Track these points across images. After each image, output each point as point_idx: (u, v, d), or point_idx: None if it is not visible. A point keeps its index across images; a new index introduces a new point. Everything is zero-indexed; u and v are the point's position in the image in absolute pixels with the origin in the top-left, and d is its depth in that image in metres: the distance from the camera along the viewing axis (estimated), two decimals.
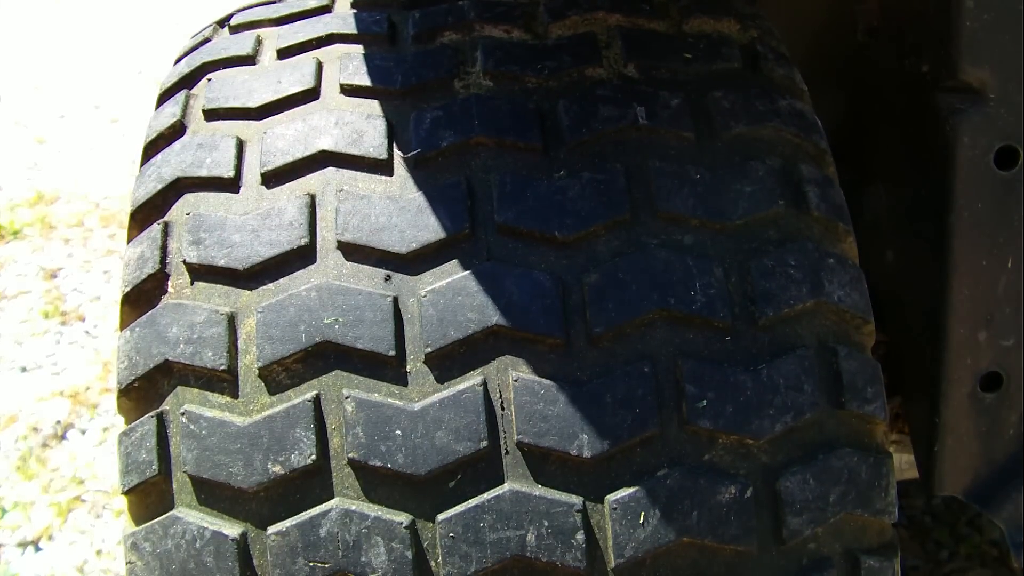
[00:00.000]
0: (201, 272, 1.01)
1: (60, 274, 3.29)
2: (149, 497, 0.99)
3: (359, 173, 1.04)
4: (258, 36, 1.24)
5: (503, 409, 0.92)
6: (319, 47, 1.19)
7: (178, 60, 1.31)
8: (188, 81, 1.22)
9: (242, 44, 1.23)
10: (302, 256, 0.99)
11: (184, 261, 1.02)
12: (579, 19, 1.17)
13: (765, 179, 1.04)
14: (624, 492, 0.91)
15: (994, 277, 1.16)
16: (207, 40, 1.30)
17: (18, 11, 5.99)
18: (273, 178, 1.05)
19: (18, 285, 3.22)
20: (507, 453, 0.91)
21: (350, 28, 1.20)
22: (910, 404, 1.32)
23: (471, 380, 0.93)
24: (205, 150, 1.09)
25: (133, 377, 1.01)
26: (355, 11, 1.23)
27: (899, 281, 1.31)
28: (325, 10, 1.27)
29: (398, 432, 0.91)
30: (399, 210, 0.99)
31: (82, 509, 2.38)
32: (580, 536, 0.90)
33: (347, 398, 0.93)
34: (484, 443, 0.91)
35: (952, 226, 1.14)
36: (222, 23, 1.34)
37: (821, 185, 1.08)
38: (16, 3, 6.10)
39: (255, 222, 1.02)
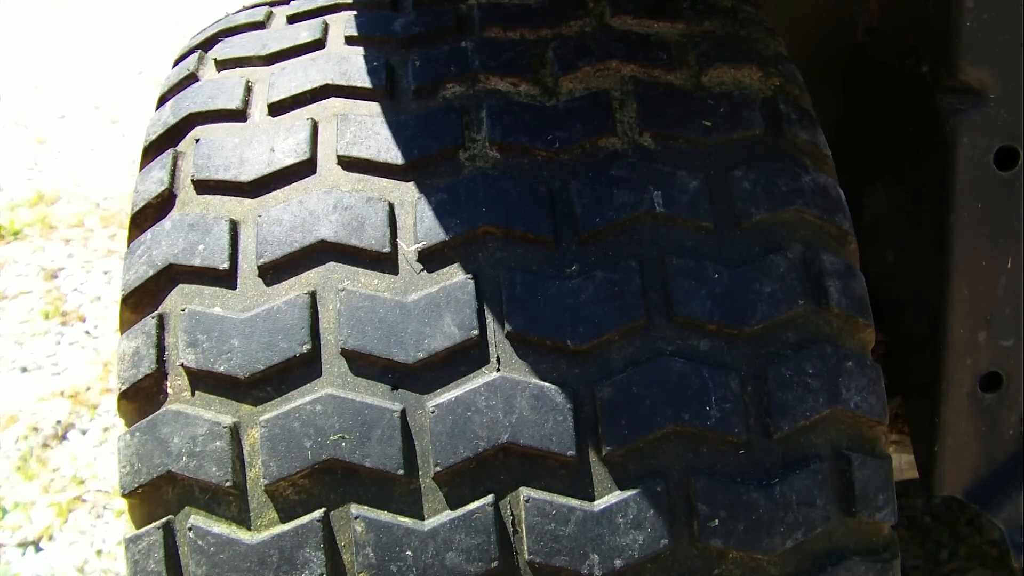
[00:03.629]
0: (200, 377, 0.99)
1: (60, 274, 3.29)
2: None
3: (360, 269, 1.00)
4: (247, 83, 1.18)
5: (515, 529, 0.91)
6: (313, 101, 1.13)
7: (161, 101, 1.25)
8: (174, 135, 1.17)
9: (230, 95, 1.17)
10: (305, 363, 0.96)
11: (182, 364, 0.99)
12: (591, 70, 1.11)
13: (786, 276, 1.01)
14: None
15: (994, 277, 1.16)
16: (191, 77, 1.24)
17: (18, 11, 5.99)
18: (271, 271, 1.01)
19: (18, 285, 3.22)
20: (519, 574, 0.91)
21: (345, 77, 1.14)
22: (910, 404, 1.32)
23: (482, 500, 0.91)
24: (197, 233, 1.05)
25: (136, 484, 0.99)
26: (350, 53, 1.17)
27: (899, 281, 1.31)
28: (318, 45, 1.21)
29: (409, 553, 0.90)
30: (403, 315, 0.96)
31: (82, 509, 2.38)
32: None
33: (356, 518, 0.91)
34: (495, 564, 0.90)
35: (952, 226, 1.14)
36: (207, 48, 1.28)
37: (843, 277, 1.05)
38: (16, 3, 6.10)
39: (254, 324, 0.98)
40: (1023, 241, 1.15)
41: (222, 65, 1.24)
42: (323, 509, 0.92)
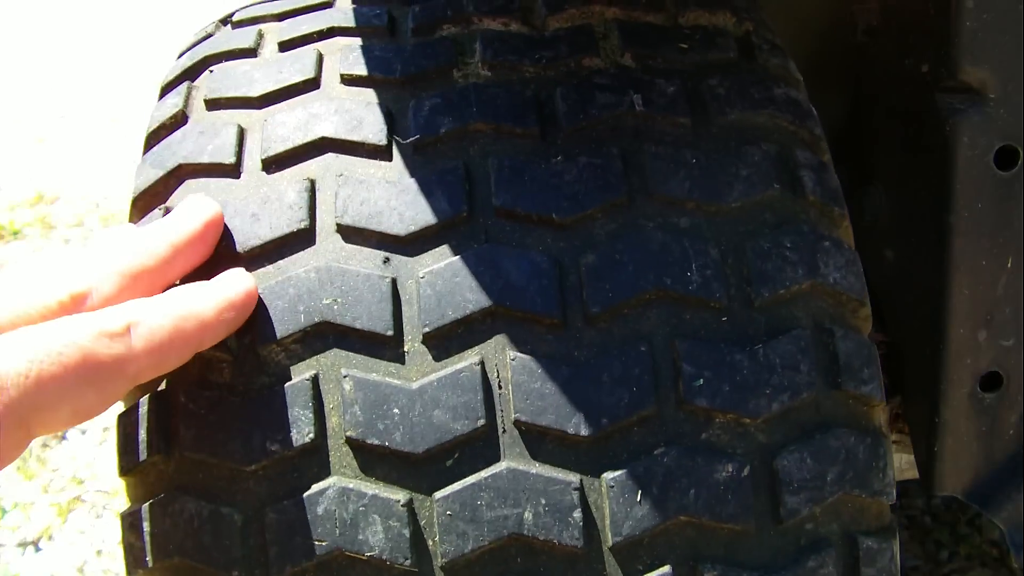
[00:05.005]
0: None
1: None
2: (148, 477, 0.99)
3: (359, 159, 1.04)
4: (260, 30, 1.26)
5: (501, 388, 0.92)
6: (320, 40, 1.20)
7: (180, 55, 1.31)
8: (190, 74, 1.23)
9: (244, 38, 1.24)
10: (301, 239, 1.00)
11: None
12: (576, 12, 1.18)
13: (760, 163, 1.05)
14: (621, 470, 0.91)
15: (994, 277, 1.17)
16: (209, 36, 1.31)
17: (18, 11, 5.99)
18: (274, 164, 1.06)
19: None
20: (504, 432, 0.92)
21: (351, 22, 1.21)
22: (910, 404, 1.32)
23: (469, 359, 0.93)
24: (207, 137, 1.10)
25: None
26: (355, 6, 1.24)
27: (899, 281, 1.31)
28: (326, 5, 1.28)
29: (396, 411, 0.91)
30: (398, 194, 1.00)
31: (82, 509, 2.38)
32: (577, 514, 0.90)
33: (345, 377, 0.93)
34: (481, 421, 0.91)
35: (952, 226, 1.14)
36: (224, 21, 1.35)
37: (816, 170, 1.08)
38: (16, 3, 6.10)
39: (255, 206, 1.02)
40: (1023, 241, 1.15)
41: (237, 25, 1.31)
42: (313, 370, 0.94)
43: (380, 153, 1.04)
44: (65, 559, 2.24)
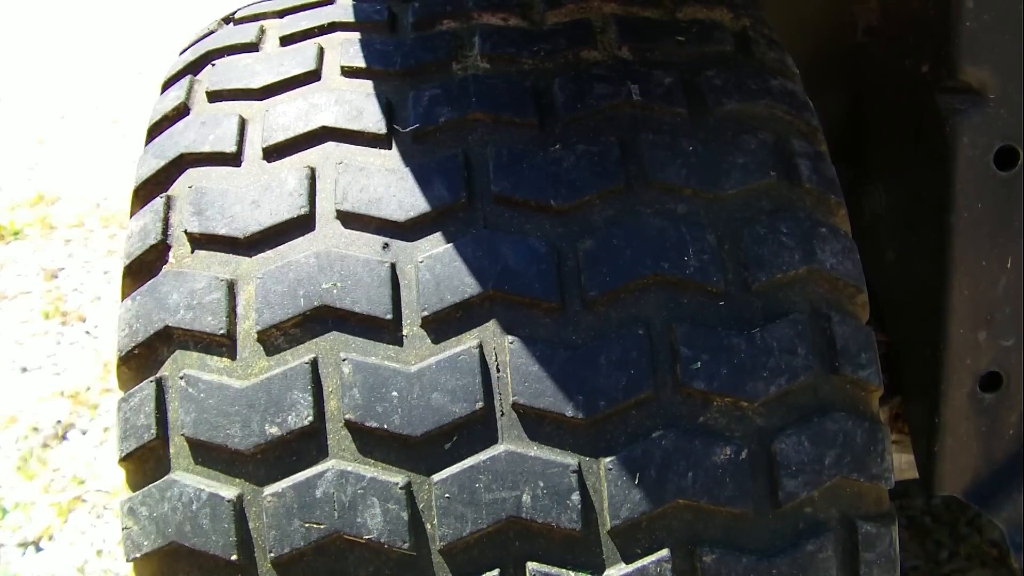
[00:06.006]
0: (202, 241, 1.03)
1: (61, 274, 3.30)
2: (146, 463, 0.99)
3: (359, 147, 1.05)
4: (261, 26, 1.27)
5: (499, 371, 0.93)
6: (321, 35, 1.22)
7: (183, 51, 1.33)
8: (193, 68, 1.24)
9: (246, 33, 1.26)
10: (302, 225, 1.01)
11: (186, 231, 1.04)
12: (574, 7, 1.19)
13: (757, 151, 1.06)
14: (620, 453, 0.91)
15: (994, 277, 1.17)
16: (211, 32, 1.33)
17: (18, 11, 5.99)
18: (274, 152, 1.07)
19: (18, 285, 3.23)
20: (503, 415, 0.92)
21: (351, 17, 1.23)
22: (910, 404, 1.32)
23: (467, 343, 0.93)
24: (208, 128, 1.11)
25: (133, 344, 1.02)
26: (355, 2, 1.26)
27: (899, 281, 1.31)
28: (328, 2, 1.30)
29: (394, 394, 0.92)
30: (397, 181, 1.01)
31: (82, 509, 2.38)
32: (576, 497, 0.90)
33: (344, 360, 0.94)
34: (480, 404, 0.91)
35: (952, 226, 1.14)
36: (227, 19, 1.37)
37: (813, 159, 1.09)
38: (16, 3, 6.10)
39: (256, 193, 1.03)
40: (1023, 241, 1.15)
41: (239, 22, 1.33)
42: (312, 354, 0.95)
43: (380, 142, 1.05)
44: (65, 559, 2.24)
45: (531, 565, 0.90)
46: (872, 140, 1.37)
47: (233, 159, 1.08)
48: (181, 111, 1.17)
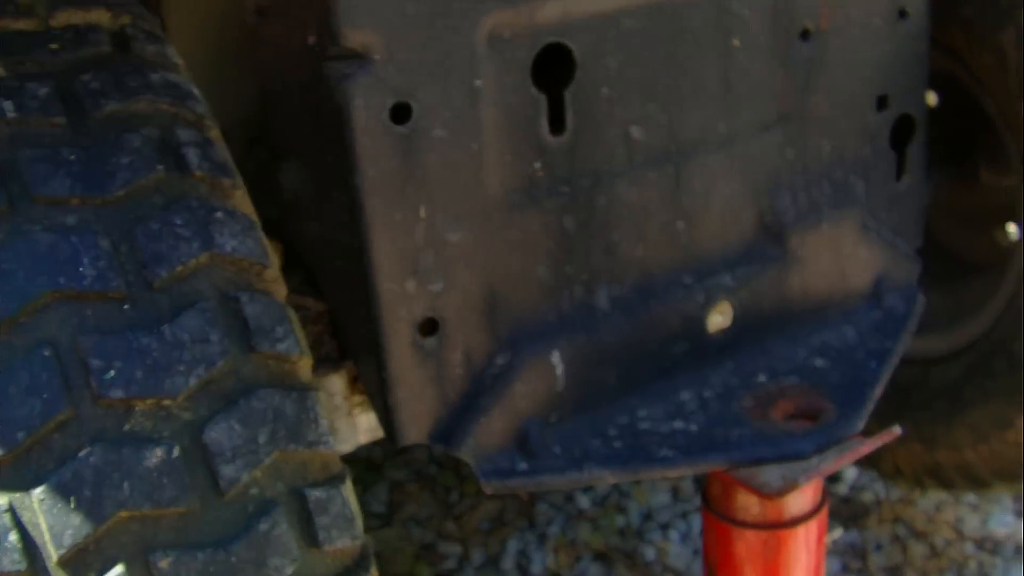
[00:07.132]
0: None
1: None
2: None
3: None
4: None
5: None
6: None
7: None
8: None
9: None
10: None
11: None
12: None
13: (142, 148, 1.05)
14: (50, 481, 0.88)
15: (410, 228, 1.23)
16: None
17: None
18: None
19: None
20: None
21: None
22: (360, 365, 1.36)
23: None
24: None
25: None
26: None
27: (326, 250, 1.34)
28: None
29: None
30: None
31: None
32: (13, 537, 0.87)
33: None
34: None
35: (359, 186, 1.18)
36: None
37: (202, 146, 1.10)
38: None
39: None
40: (429, 189, 1.22)
41: None
42: None
43: None
44: None
45: None
46: (280, 117, 1.38)
47: None
48: None
